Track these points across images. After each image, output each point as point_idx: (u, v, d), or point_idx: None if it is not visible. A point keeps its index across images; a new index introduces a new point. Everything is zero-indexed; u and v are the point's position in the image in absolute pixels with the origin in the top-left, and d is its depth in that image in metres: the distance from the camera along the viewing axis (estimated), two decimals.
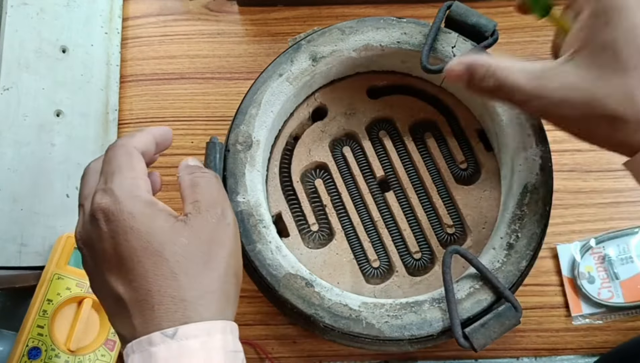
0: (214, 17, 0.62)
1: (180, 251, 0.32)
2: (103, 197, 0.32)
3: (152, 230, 0.31)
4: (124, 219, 0.31)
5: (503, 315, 0.41)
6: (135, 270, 0.31)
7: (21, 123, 0.49)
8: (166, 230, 0.32)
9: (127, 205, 0.32)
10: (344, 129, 0.50)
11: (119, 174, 0.33)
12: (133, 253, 0.31)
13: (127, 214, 0.31)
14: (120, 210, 0.32)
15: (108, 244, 0.32)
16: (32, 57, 0.51)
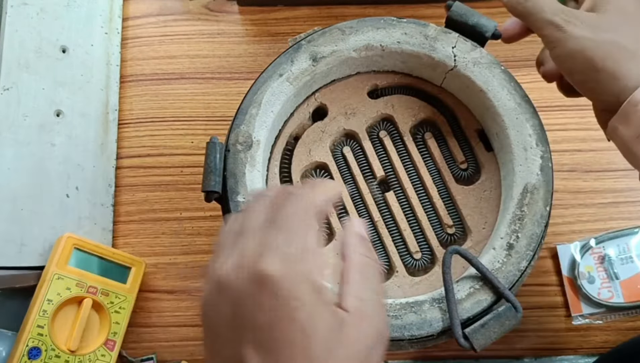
0: (214, 17, 0.62)
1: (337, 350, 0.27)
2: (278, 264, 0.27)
3: (311, 328, 0.27)
4: (291, 304, 0.27)
5: (503, 315, 0.40)
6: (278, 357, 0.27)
7: (21, 123, 0.49)
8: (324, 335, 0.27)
9: (300, 289, 0.27)
10: (344, 129, 0.50)
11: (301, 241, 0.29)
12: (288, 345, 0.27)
13: (296, 300, 0.27)
14: (292, 293, 0.27)
15: (264, 318, 0.27)
16: (32, 57, 0.51)
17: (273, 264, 0.27)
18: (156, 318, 0.54)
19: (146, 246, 0.56)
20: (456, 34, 0.47)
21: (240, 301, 0.28)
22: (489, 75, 0.46)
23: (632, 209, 0.55)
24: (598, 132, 0.57)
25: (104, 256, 0.52)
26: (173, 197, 0.57)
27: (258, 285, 0.27)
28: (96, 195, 0.55)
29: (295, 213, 0.30)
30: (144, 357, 0.53)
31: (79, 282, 0.50)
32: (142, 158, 0.58)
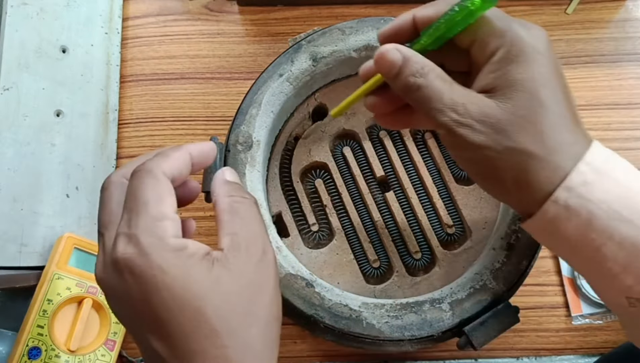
0: (214, 17, 0.62)
1: (222, 304, 0.28)
2: (127, 246, 0.28)
3: (187, 284, 0.28)
4: (153, 275, 0.28)
5: (502, 313, 0.41)
6: (173, 329, 0.28)
7: (21, 123, 0.49)
8: (203, 281, 0.28)
9: (155, 257, 0.28)
10: (344, 129, 0.50)
11: (144, 214, 0.29)
12: (170, 314, 0.28)
13: (156, 269, 0.28)
14: (149, 265, 0.28)
15: (137, 299, 0.28)
16: (32, 57, 0.51)
17: (122, 248, 0.28)
18: None
19: None
20: None
21: (117, 295, 0.29)
22: None
23: None
24: (598, 133, 0.57)
25: None
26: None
27: (118, 272, 0.28)
28: (96, 195, 0.55)
29: (137, 187, 0.30)
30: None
31: (79, 282, 0.50)
32: None
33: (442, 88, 0.32)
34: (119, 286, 0.29)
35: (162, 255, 0.28)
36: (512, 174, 0.31)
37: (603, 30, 0.60)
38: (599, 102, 0.58)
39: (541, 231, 0.33)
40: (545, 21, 0.60)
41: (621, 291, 0.32)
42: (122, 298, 0.29)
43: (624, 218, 0.30)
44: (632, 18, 0.60)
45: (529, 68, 0.31)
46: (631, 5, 0.61)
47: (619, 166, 0.32)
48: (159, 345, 0.28)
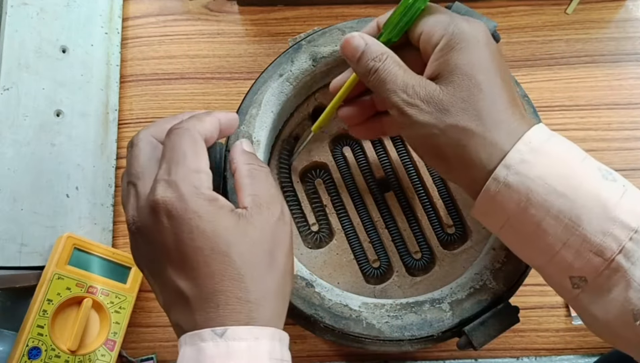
0: (214, 17, 0.62)
1: (246, 252, 0.32)
2: (166, 190, 0.31)
3: (217, 229, 0.31)
4: (189, 219, 0.31)
5: (502, 313, 0.41)
6: (200, 269, 0.31)
7: (21, 123, 0.49)
8: (231, 230, 0.32)
9: (192, 203, 0.31)
10: (344, 129, 0.50)
11: (183, 165, 0.32)
12: (199, 253, 0.31)
13: (192, 213, 0.31)
14: (185, 209, 0.31)
15: (170, 240, 0.31)
16: (32, 57, 0.51)
17: (162, 192, 0.31)
18: (156, 318, 0.54)
19: None
20: None
21: (149, 235, 0.32)
22: None
23: None
24: (597, 133, 0.57)
25: (104, 256, 0.52)
26: None
27: (154, 214, 0.31)
28: (96, 195, 0.55)
29: (177, 142, 0.33)
30: (143, 357, 0.53)
31: (79, 282, 0.50)
32: None
33: (396, 72, 0.35)
34: (153, 226, 0.32)
35: (198, 201, 0.31)
36: (456, 151, 0.34)
37: (603, 31, 0.60)
38: (599, 102, 0.58)
39: (486, 211, 0.34)
40: (545, 21, 0.60)
41: (564, 270, 0.33)
42: (154, 237, 0.32)
43: (559, 193, 0.32)
44: (632, 18, 0.60)
45: (468, 55, 0.34)
46: (631, 5, 0.61)
47: (560, 146, 0.34)
48: (184, 284, 0.31)
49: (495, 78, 0.34)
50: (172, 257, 0.32)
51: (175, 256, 0.31)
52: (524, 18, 0.61)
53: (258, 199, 0.34)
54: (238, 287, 0.31)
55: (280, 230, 0.34)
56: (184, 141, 0.33)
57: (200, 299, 0.31)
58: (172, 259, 0.32)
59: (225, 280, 0.31)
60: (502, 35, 0.49)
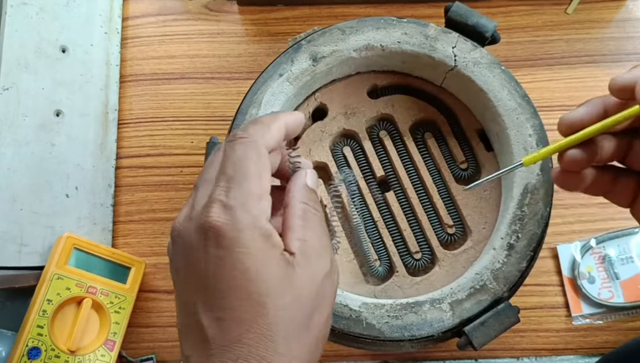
0: (213, 16, 0.62)
1: (283, 309, 0.28)
2: (221, 214, 0.28)
3: (261, 274, 0.28)
4: (237, 252, 0.27)
5: (502, 313, 0.41)
6: (230, 311, 0.27)
7: (21, 123, 0.49)
8: (275, 278, 0.28)
9: (245, 236, 0.27)
10: (344, 129, 0.50)
11: (246, 187, 0.28)
12: (234, 294, 0.27)
13: (242, 247, 0.27)
14: (237, 241, 0.27)
15: (210, 268, 0.28)
16: (31, 57, 0.51)
17: (216, 214, 0.28)
18: (156, 318, 0.54)
19: (146, 246, 0.56)
20: (456, 34, 0.47)
21: (190, 252, 0.29)
22: (489, 75, 0.46)
23: None
24: None
25: (103, 256, 0.52)
26: (173, 197, 0.57)
27: (204, 235, 0.28)
28: (96, 195, 0.55)
29: (241, 158, 0.29)
30: (143, 357, 0.53)
31: (79, 282, 0.50)
32: (141, 157, 0.58)
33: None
34: (196, 243, 0.28)
35: (252, 235, 0.28)
36: None
37: (603, 30, 0.60)
38: None
39: None
40: (545, 21, 0.60)
41: None
42: (193, 258, 0.29)
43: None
44: (633, 18, 0.60)
45: None
46: (631, 5, 0.60)
47: None
48: (208, 322, 0.28)
49: None
50: (204, 287, 0.28)
51: (209, 286, 0.28)
52: (524, 18, 0.61)
53: (307, 247, 0.30)
54: (264, 345, 0.27)
55: (327, 289, 0.30)
56: (249, 156, 0.29)
57: (221, 345, 0.27)
58: (204, 290, 0.28)
59: (252, 333, 0.27)
60: (502, 35, 0.49)
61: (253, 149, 0.30)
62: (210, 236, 0.28)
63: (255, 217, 0.28)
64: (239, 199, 0.28)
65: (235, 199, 0.28)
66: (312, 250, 0.30)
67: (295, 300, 0.28)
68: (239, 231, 0.27)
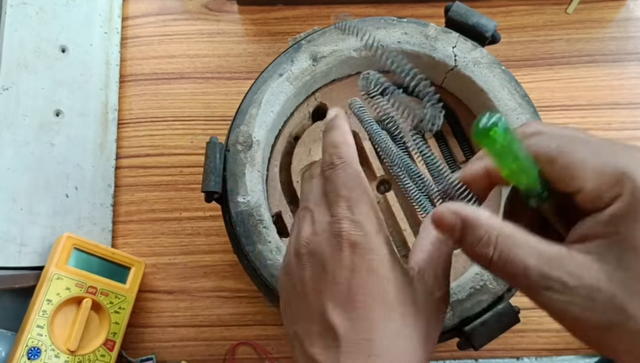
0: (213, 16, 0.62)
1: (409, 315, 0.29)
2: (353, 228, 0.30)
3: (390, 279, 0.30)
4: (370, 259, 0.30)
5: (502, 313, 0.41)
6: (362, 311, 0.29)
7: (20, 123, 0.49)
8: (401, 285, 0.30)
9: (375, 244, 0.30)
10: None
11: (364, 203, 0.31)
12: (367, 295, 0.29)
13: (374, 253, 0.30)
14: (370, 249, 0.30)
15: (344, 273, 0.30)
16: (31, 56, 0.51)
17: (347, 227, 0.30)
18: (155, 319, 0.54)
19: (145, 246, 0.56)
20: (456, 33, 0.47)
21: (321, 262, 0.31)
22: (490, 75, 0.46)
23: None
24: (598, 133, 0.57)
25: (103, 256, 0.52)
26: (172, 197, 0.57)
27: (337, 242, 0.30)
28: (95, 195, 0.55)
29: (350, 179, 0.32)
30: (143, 357, 0.53)
31: (79, 282, 0.50)
32: (141, 157, 0.58)
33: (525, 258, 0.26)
34: (332, 253, 0.31)
35: (380, 244, 0.30)
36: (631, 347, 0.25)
37: (604, 30, 0.60)
38: (600, 102, 0.58)
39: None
40: (545, 21, 0.60)
41: None
42: (327, 264, 0.30)
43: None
44: (633, 17, 0.60)
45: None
46: (632, 4, 0.60)
47: None
48: (340, 320, 0.29)
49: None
50: (338, 290, 0.30)
51: (342, 289, 0.30)
52: (525, 18, 0.61)
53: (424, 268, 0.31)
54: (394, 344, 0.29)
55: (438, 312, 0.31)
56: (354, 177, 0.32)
57: (353, 341, 0.29)
58: (337, 291, 0.30)
59: (384, 332, 0.29)
60: (503, 35, 0.49)
61: (354, 171, 0.32)
62: (346, 242, 0.30)
63: (377, 227, 0.31)
64: (363, 213, 0.31)
65: (361, 214, 0.31)
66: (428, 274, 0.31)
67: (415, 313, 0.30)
68: (369, 240, 0.30)
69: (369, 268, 0.30)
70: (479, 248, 0.27)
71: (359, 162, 0.33)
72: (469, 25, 0.46)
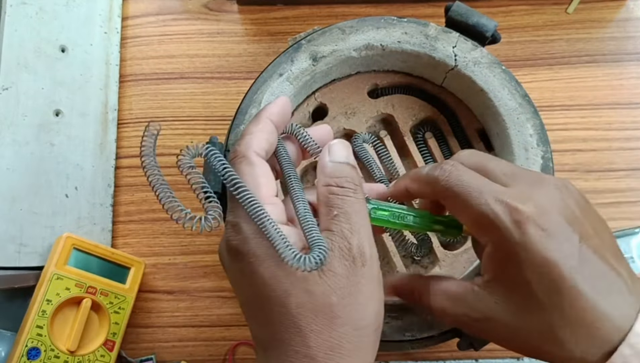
0: (213, 16, 0.62)
1: (305, 304, 0.28)
2: (232, 233, 0.30)
3: (276, 276, 0.28)
4: (250, 263, 0.29)
5: None
6: (262, 315, 0.29)
7: (20, 123, 0.49)
8: (290, 276, 0.28)
9: (252, 245, 0.29)
10: (344, 129, 0.50)
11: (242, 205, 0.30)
12: (258, 299, 0.29)
13: (252, 256, 0.29)
14: (247, 251, 0.29)
15: (237, 281, 0.30)
16: (31, 56, 0.51)
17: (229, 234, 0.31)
18: (155, 319, 0.54)
19: (145, 246, 0.56)
20: (457, 33, 0.47)
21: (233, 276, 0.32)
22: (490, 75, 0.46)
23: (632, 209, 0.55)
24: (599, 132, 0.57)
25: (103, 256, 0.52)
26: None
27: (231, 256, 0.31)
28: (95, 195, 0.55)
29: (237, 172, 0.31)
30: (143, 358, 0.53)
31: (78, 282, 0.50)
32: None
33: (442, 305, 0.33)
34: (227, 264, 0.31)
35: (258, 243, 0.29)
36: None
37: (604, 30, 0.60)
38: (600, 102, 0.58)
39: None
40: (545, 20, 0.60)
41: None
42: (235, 278, 0.31)
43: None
44: (633, 17, 0.60)
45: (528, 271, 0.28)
46: (632, 4, 0.60)
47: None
48: (251, 322, 0.31)
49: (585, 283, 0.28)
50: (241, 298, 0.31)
51: (241, 297, 0.31)
52: (525, 17, 0.60)
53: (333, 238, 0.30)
54: (294, 340, 0.28)
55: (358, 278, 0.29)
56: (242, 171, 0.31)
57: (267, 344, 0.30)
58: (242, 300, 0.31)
59: (282, 330, 0.28)
60: (503, 35, 0.49)
61: (243, 163, 0.31)
62: (232, 254, 0.30)
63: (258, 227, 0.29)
64: (242, 215, 0.30)
65: (239, 216, 0.30)
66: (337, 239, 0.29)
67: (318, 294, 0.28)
68: (247, 243, 0.29)
69: (252, 272, 0.29)
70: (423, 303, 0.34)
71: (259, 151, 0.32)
72: (469, 25, 0.46)
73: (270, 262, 0.29)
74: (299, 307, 0.28)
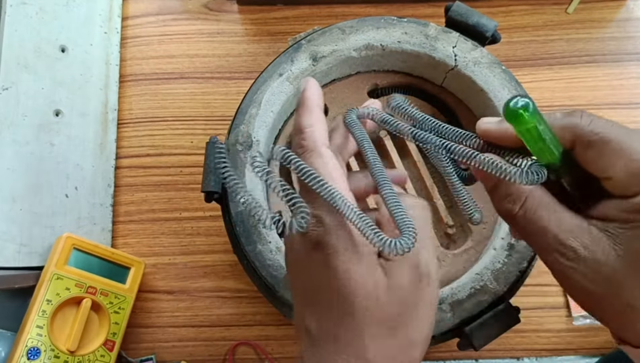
0: (213, 16, 0.62)
1: (372, 309, 0.28)
2: (315, 226, 0.29)
3: (349, 272, 0.28)
4: (327, 254, 0.29)
5: (503, 314, 0.40)
6: (323, 308, 0.29)
7: (20, 123, 0.49)
8: (363, 277, 0.28)
9: (332, 238, 0.29)
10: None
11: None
12: (323, 291, 0.29)
13: (331, 248, 0.28)
14: (327, 243, 0.29)
15: (310, 272, 0.30)
16: (31, 56, 0.51)
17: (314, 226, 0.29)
18: (155, 319, 0.54)
19: (145, 246, 0.56)
20: (457, 33, 0.47)
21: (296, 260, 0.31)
22: (490, 75, 0.46)
23: None
24: None
25: (103, 256, 0.52)
26: (172, 197, 0.57)
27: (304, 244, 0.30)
28: (95, 195, 0.55)
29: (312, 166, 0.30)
30: (143, 358, 0.53)
31: (78, 282, 0.50)
32: (141, 157, 0.58)
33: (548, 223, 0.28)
34: (299, 252, 0.30)
35: (337, 235, 0.29)
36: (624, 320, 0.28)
37: (604, 30, 0.60)
38: (600, 102, 0.58)
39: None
40: (545, 20, 0.60)
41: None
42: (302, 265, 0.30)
43: None
44: (633, 18, 0.60)
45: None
46: (632, 4, 0.60)
47: None
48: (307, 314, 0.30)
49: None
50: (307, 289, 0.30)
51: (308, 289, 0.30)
52: (525, 17, 0.61)
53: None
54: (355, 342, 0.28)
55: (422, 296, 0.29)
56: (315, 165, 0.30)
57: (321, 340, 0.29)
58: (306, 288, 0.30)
59: (343, 329, 0.28)
60: (503, 35, 0.49)
61: (316, 158, 0.30)
62: (311, 244, 0.29)
63: (340, 220, 0.29)
64: (323, 207, 0.29)
65: (320, 208, 0.29)
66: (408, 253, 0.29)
67: (383, 303, 0.28)
68: (328, 234, 0.29)
69: (328, 264, 0.29)
70: (506, 202, 0.29)
71: (325, 143, 0.31)
72: (469, 25, 0.46)
73: (345, 257, 0.29)
74: (366, 310, 0.28)
